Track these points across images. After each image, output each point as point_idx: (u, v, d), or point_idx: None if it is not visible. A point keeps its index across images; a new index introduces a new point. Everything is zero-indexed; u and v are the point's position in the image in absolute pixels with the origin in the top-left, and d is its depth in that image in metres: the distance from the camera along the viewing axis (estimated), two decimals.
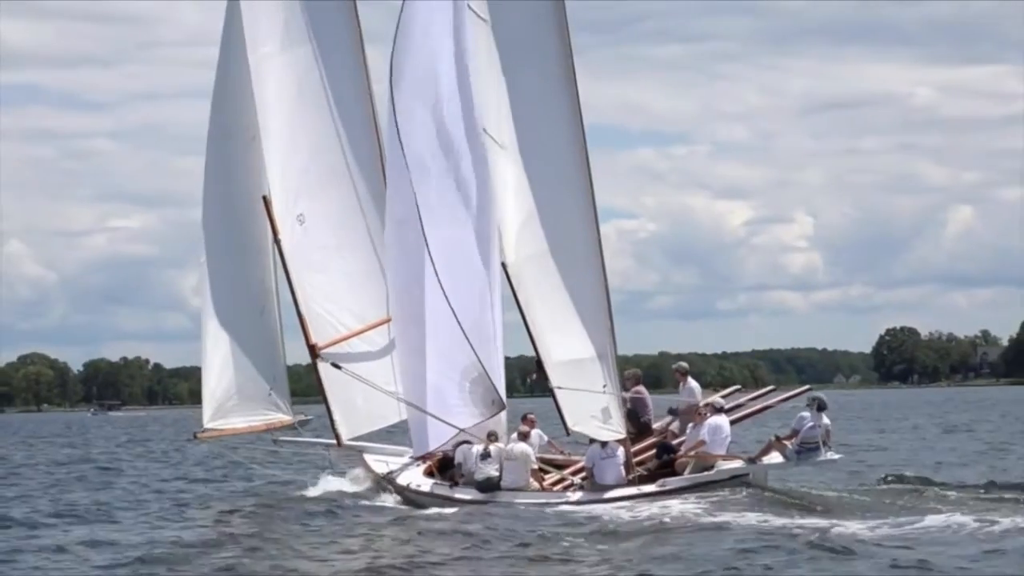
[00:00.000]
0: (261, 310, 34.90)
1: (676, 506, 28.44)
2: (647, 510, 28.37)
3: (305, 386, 46.06)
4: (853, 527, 25.57)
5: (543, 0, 30.08)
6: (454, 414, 30.45)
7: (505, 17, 30.08)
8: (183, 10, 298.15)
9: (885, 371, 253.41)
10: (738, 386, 32.40)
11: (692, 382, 31.79)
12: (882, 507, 28.33)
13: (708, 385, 33.17)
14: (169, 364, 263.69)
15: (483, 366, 30.09)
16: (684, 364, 32.35)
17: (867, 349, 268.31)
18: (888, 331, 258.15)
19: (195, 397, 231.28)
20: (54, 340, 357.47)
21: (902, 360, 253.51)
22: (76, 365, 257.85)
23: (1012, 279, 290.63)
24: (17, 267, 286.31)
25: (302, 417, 35.11)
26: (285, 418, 34.85)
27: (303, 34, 33.40)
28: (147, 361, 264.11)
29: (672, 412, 31.66)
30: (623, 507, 28.95)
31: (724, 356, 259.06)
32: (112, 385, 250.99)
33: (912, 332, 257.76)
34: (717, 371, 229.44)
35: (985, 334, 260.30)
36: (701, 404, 30.67)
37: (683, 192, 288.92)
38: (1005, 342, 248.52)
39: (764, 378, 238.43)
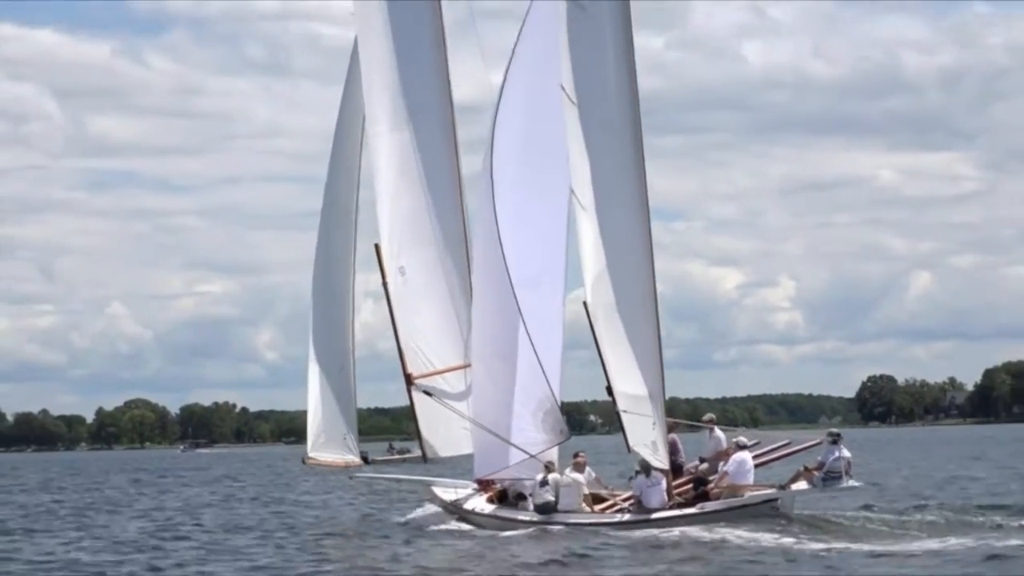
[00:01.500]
0: (340, 367, 35.37)
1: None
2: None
3: (367, 427, 45.47)
4: None
5: (622, 90, 30.14)
6: (528, 439, 30.62)
7: (590, 100, 30.19)
8: (256, 108, 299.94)
9: (867, 412, 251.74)
10: (757, 440, 31.75)
11: (718, 431, 31.40)
12: None
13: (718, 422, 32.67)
14: (253, 408, 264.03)
15: (556, 399, 30.43)
16: (712, 415, 32.01)
17: (846, 394, 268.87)
18: (869, 378, 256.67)
19: (275, 436, 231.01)
20: (150, 388, 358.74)
21: (882, 403, 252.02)
22: (172, 409, 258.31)
23: (964, 334, 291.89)
24: (118, 326, 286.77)
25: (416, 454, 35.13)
26: (355, 459, 35.24)
27: (406, 118, 33.60)
28: (234, 405, 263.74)
29: (702, 460, 31.13)
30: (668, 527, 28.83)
31: (724, 400, 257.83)
32: (205, 426, 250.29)
33: (890, 379, 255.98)
34: (720, 413, 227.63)
35: (952, 380, 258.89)
36: (731, 444, 30.41)
37: (683, 261, 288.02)
38: (970, 387, 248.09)
39: (761, 419, 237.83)
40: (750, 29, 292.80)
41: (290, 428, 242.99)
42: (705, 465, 30.84)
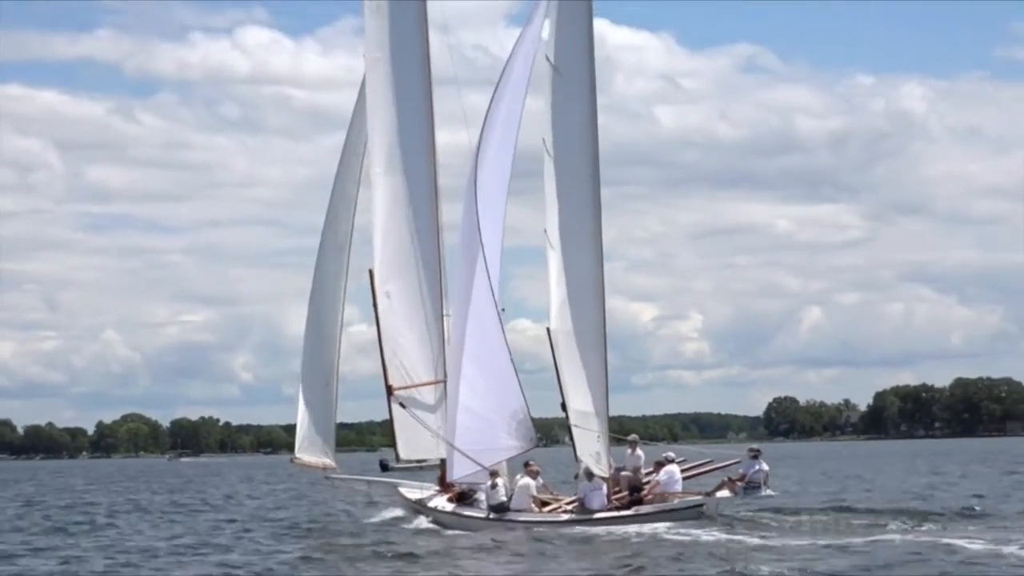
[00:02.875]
0: (325, 383, 35.09)
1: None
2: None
3: (339, 438, 45.31)
4: None
5: (585, 147, 30.66)
6: (500, 444, 30.20)
7: (563, 154, 30.78)
8: (235, 161, 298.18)
9: (773, 429, 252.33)
10: (684, 458, 31.72)
11: (639, 451, 31.40)
12: None
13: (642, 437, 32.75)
14: (235, 422, 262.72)
15: (528, 409, 30.17)
16: (635, 436, 31.87)
17: (749, 412, 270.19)
18: (775, 399, 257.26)
19: (255, 447, 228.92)
20: (140, 404, 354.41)
21: (786, 421, 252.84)
22: (163, 423, 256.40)
23: (850, 361, 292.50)
24: (112, 349, 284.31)
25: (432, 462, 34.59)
26: (331, 463, 35.02)
27: (398, 166, 33.77)
28: (218, 420, 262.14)
29: (619, 470, 31.04)
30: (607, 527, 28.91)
31: (644, 418, 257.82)
32: (193, 438, 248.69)
33: (793, 400, 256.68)
34: (643, 429, 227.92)
35: (847, 402, 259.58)
36: (662, 457, 30.59)
37: (606, 296, 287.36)
38: (863, 408, 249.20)
39: (678, 434, 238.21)
40: (664, 96, 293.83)
41: (268, 440, 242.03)
42: (628, 473, 30.85)
